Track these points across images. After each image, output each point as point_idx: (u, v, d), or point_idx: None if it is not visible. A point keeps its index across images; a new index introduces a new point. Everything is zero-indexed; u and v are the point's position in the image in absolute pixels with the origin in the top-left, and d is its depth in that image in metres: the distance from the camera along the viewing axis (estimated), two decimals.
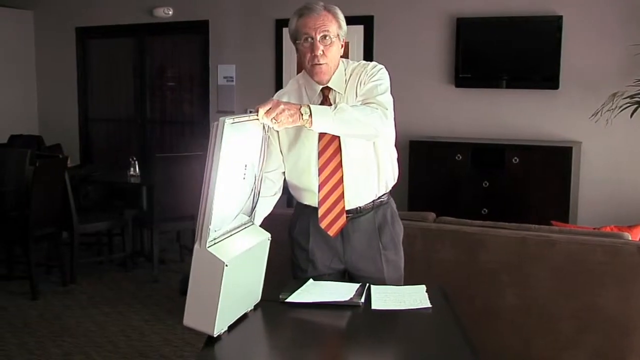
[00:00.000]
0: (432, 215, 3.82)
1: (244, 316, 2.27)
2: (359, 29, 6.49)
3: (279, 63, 7.12)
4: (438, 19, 6.36)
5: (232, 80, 7.42)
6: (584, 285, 3.34)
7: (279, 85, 7.00)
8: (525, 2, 5.96)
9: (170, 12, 7.63)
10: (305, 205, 2.76)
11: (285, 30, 6.77)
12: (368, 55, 6.49)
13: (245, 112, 2.26)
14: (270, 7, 7.06)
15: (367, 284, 2.56)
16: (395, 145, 2.79)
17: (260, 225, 2.48)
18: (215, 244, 2.08)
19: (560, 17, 5.80)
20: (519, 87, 6.05)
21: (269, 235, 2.38)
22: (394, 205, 2.85)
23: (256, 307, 2.35)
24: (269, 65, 7.18)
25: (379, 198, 2.75)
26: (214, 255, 2.02)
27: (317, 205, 2.67)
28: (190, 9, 7.54)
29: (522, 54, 5.98)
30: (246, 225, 2.34)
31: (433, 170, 5.98)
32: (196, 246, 2.05)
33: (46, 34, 8.47)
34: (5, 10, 8.25)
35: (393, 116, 2.58)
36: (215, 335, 2.06)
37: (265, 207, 2.69)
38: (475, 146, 5.87)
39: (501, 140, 5.97)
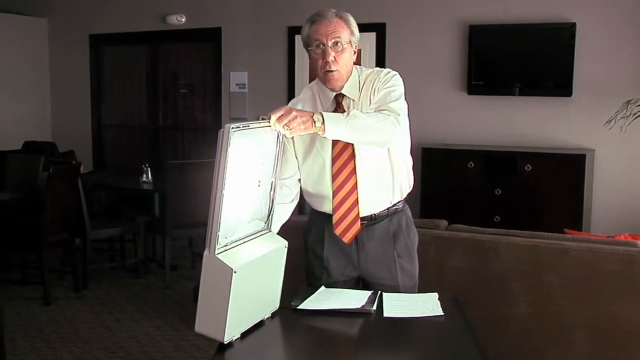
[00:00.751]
0: (444, 222, 3.81)
1: (260, 323, 2.26)
2: (371, 36, 6.49)
3: (292, 70, 7.13)
4: (450, 26, 6.35)
5: (245, 87, 7.43)
6: (598, 293, 3.32)
7: (291, 92, 7.02)
8: (538, 9, 5.94)
9: (183, 20, 7.66)
10: (320, 212, 2.76)
11: (297, 37, 6.89)
12: (380, 63, 6.49)
13: (258, 119, 2.26)
14: (283, 14, 7.08)
15: (379, 292, 2.55)
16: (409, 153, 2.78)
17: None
18: (225, 250, 2.08)
19: (574, 24, 5.77)
20: (532, 94, 6.03)
21: (285, 242, 2.37)
22: (410, 213, 2.84)
23: (273, 314, 2.34)
24: (281, 72, 7.19)
25: (393, 205, 2.74)
26: (223, 262, 2.02)
27: (331, 212, 2.67)
28: (203, 16, 7.57)
29: (535, 61, 5.95)
30: (262, 233, 2.34)
31: (445, 178, 5.95)
32: (205, 253, 2.05)
33: (60, 41, 8.52)
34: (19, 18, 8.32)
35: (407, 123, 2.58)
36: (225, 342, 2.06)
37: (283, 214, 2.69)
38: (488, 153, 5.85)
39: (514, 147, 5.95)
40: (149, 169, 6.42)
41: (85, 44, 8.35)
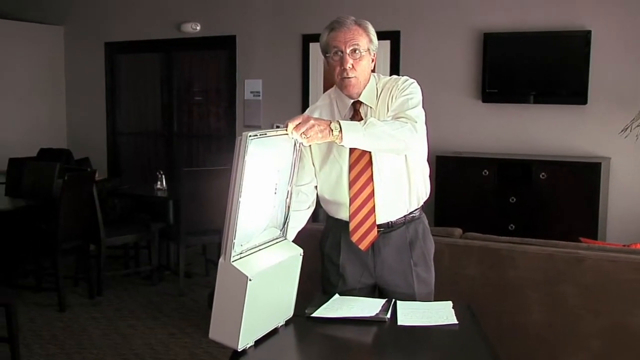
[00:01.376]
0: (459, 230, 3.80)
1: (274, 331, 2.26)
2: (386, 44, 6.49)
3: (306, 78, 7.14)
4: (465, 34, 6.34)
5: (259, 95, 7.45)
6: (614, 303, 3.29)
7: (305, 100, 7.03)
8: (553, 17, 5.92)
9: (197, 28, 7.69)
10: (337, 219, 2.76)
11: (312, 45, 6.92)
12: (394, 70, 6.49)
13: (272, 127, 2.27)
14: (297, 22, 7.09)
15: (393, 300, 2.55)
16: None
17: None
18: (241, 258, 2.08)
19: (589, 32, 5.75)
20: (547, 102, 6.00)
21: (301, 250, 2.37)
22: (426, 221, 2.84)
23: (287, 322, 2.34)
24: (295, 80, 7.21)
25: (410, 213, 2.74)
26: (238, 270, 2.03)
27: (348, 220, 2.67)
28: (218, 24, 7.60)
29: (550, 69, 5.93)
30: (278, 240, 2.35)
31: (460, 186, 5.93)
32: (221, 260, 2.06)
33: (76, 49, 8.58)
34: (36, 26, 8.39)
35: (424, 130, 2.57)
36: (239, 350, 2.06)
37: (299, 221, 2.70)
38: (502, 161, 5.83)
39: (528, 155, 5.92)
40: (163, 176, 6.44)
41: (101, 52, 8.41)
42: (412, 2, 6.58)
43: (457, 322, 2.34)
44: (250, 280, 2.02)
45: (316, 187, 2.76)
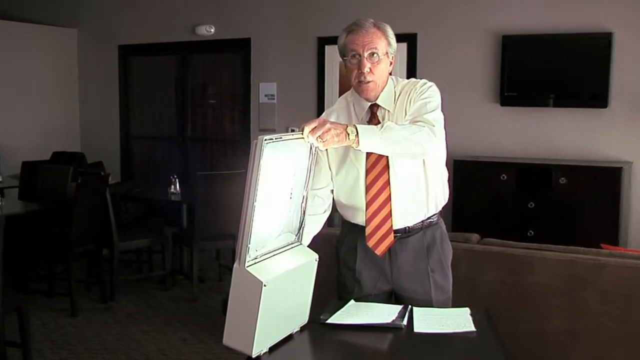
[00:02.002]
0: (476, 236, 3.79)
1: (289, 337, 2.25)
2: (403, 46, 6.46)
3: (321, 81, 7.12)
4: (483, 36, 6.29)
5: (274, 98, 7.43)
6: (636, 310, 3.25)
7: (320, 103, 7.01)
8: (574, 19, 5.86)
9: (212, 30, 7.69)
10: (353, 224, 2.74)
11: (327, 48, 6.90)
12: (411, 73, 6.46)
13: (287, 131, 2.24)
14: (313, 25, 7.08)
15: (410, 306, 2.52)
16: None
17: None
18: (255, 263, 2.07)
19: (611, 34, 5.68)
20: (567, 105, 5.94)
21: (316, 256, 2.37)
22: (444, 227, 2.81)
23: (302, 328, 2.33)
24: (310, 83, 7.18)
25: (428, 218, 2.71)
26: (253, 275, 2.02)
27: (364, 224, 2.64)
28: (232, 27, 7.60)
29: (570, 72, 5.87)
30: (293, 245, 2.34)
31: (477, 191, 5.89)
32: (235, 265, 2.05)
33: (89, 51, 8.62)
34: (50, 29, 8.44)
35: (443, 134, 2.53)
36: (253, 356, 2.06)
37: (315, 225, 2.68)
38: (521, 166, 5.78)
39: (548, 160, 5.87)
40: (177, 180, 6.43)
41: (115, 55, 8.44)
42: (429, 4, 6.55)
43: (474, 330, 2.30)
44: (265, 285, 2.01)
45: (332, 191, 2.74)
